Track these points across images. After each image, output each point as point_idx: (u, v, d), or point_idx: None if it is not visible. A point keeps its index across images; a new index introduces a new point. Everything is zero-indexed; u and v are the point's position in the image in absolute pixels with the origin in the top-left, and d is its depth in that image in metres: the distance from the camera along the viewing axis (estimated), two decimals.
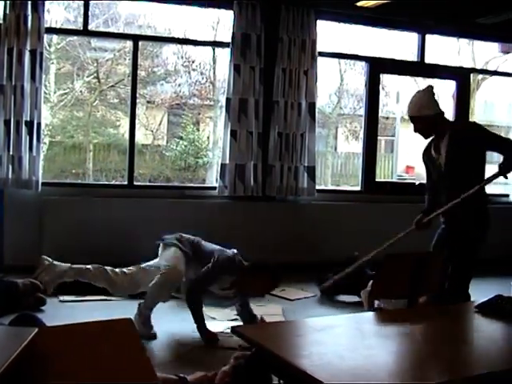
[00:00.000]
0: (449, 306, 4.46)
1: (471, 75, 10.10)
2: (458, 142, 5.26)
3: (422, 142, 5.76)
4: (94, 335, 2.70)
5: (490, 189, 5.82)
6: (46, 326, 3.69)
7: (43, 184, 7.61)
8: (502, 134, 12.93)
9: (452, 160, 5.31)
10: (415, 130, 5.44)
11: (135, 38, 8.23)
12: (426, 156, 5.57)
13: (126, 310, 5.39)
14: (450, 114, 10.33)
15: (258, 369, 3.28)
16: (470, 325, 3.76)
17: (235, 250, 5.73)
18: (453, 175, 5.33)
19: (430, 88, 5.43)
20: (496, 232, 9.09)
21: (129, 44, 8.50)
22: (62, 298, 6.43)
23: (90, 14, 8.10)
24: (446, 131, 5.31)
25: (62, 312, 5.79)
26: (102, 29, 10.56)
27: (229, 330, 5.05)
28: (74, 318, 5.42)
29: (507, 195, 9.78)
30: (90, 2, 8.01)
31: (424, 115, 5.27)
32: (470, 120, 5.71)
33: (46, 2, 7.56)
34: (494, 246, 9.00)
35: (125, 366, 2.61)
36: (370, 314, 4.21)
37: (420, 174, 13.81)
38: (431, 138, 5.50)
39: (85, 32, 8.12)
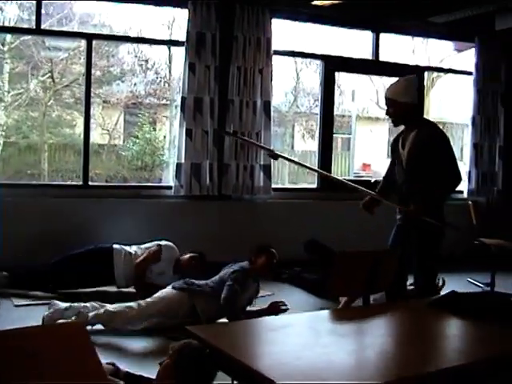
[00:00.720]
0: (403, 302, 4.49)
1: (426, 73, 10.19)
2: (420, 145, 5.32)
3: (378, 140, 5.81)
4: (44, 339, 2.67)
5: None
6: None
7: None
8: (458, 132, 13.07)
9: (412, 160, 5.37)
10: (387, 113, 5.50)
11: (89, 37, 8.14)
12: (394, 147, 5.66)
13: None
14: None
15: (202, 364, 3.25)
16: (423, 321, 3.78)
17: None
18: (412, 174, 5.39)
19: (412, 77, 5.51)
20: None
21: (83, 43, 8.42)
22: (16, 302, 6.32)
23: (43, 12, 8.01)
24: (415, 127, 5.37)
25: (15, 316, 5.72)
26: (56, 28, 10.43)
27: None
28: (29, 322, 5.40)
29: (461, 192, 9.87)
30: (43, 0, 7.91)
31: (398, 101, 5.31)
32: (440, 129, 5.71)
33: None
34: (450, 242, 9.13)
35: (76, 368, 2.58)
36: (325, 313, 4.22)
37: (377, 172, 13.96)
38: (401, 130, 5.57)
39: (38, 31, 8.01)
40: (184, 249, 7.18)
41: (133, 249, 6.99)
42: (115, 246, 6.94)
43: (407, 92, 5.35)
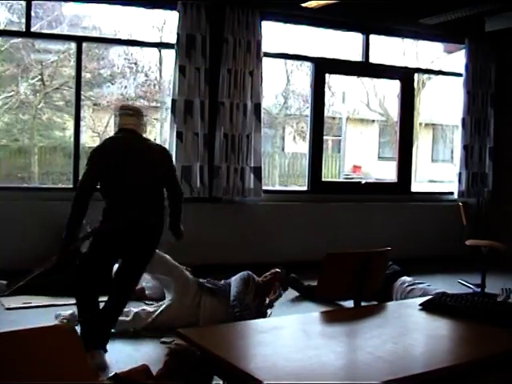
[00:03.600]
0: (393, 303, 4.49)
1: (416, 75, 10.21)
2: None
3: (368, 142, 5.69)
4: (34, 341, 2.66)
5: (435, 187, 5.87)
6: None
7: None
8: (449, 134, 13.05)
9: None
10: None
11: (79, 40, 8.13)
12: None
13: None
14: (395, 113, 10.48)
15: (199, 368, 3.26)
16: (414, 322, 3.78)
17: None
18: None
19: None
20: (442, 230, 9.26)
21: (73, 46, 8.41)
22: (7, 305, 6.27)
23: (33, 15, 8.00)
24: None
25: (7, 319, 5.69)
26: (46, 30, 10.43)
27: None
28: (21, 325, 5.36)
29: (452, 193, 9.90)
30: (33, 2, 7.89)
31: None
32: None
33: None
34: (441, 243, 9.17)
35: (65, 371, 2.57)
36: (316, 315, 4.21)
37: (367, 173, 14.01)
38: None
39: (27, 34, 8.00)
40: (173, 252, 7.18)
41: None
42: None
43: None
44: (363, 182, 9.78)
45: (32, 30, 8.07)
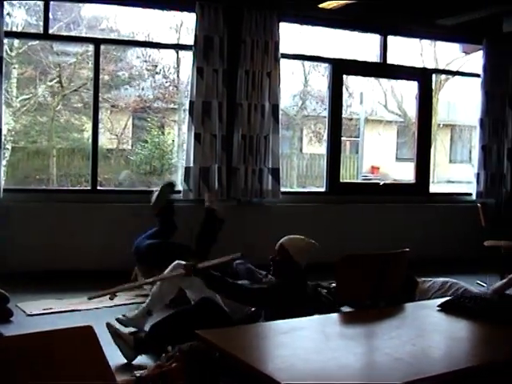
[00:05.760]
0: (412, 305, 4.48)
1: (433, 76, 10.17)
2: None
3: (386, 143, 5.69)
4: (54, 343, 2.68)
5: (453, 188, 5.84)
6: (4, 336, 3.64)
7: (5, 190, 7.52)
8: (467, 134, 12.97)
9: None
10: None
11: (96, 42, 8.16)
12: None
13: (98, 319, 5.35)
14: (413, 114, 10.45)
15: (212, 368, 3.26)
16: (432, 324, 3.78)
17: None
18: None
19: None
20: (460, 231, 9.23)
21: (91, 48, 8.45)
22: (29, 311, 6.21)
23: (51, 17, 8.04)
24: None
25: (29, 323, 5.70)
26: (64, 33, 10.47)
27: None
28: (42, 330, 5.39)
29: (470, 194, 9.86)
30: (51, 5, 7.92)
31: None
32: None
33: (6, 6, 7.49)
34: (459, 244, 9.13)
35: (84, 372, 2.59)
36: (335, 316, 4.21)
37: (386, 174, 13.98)
38: None
39: (45, 36, 8.02)
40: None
41: None
42: None
43: None
44: (382, 183, 9.75)
45: (50, 32, 8.11)
